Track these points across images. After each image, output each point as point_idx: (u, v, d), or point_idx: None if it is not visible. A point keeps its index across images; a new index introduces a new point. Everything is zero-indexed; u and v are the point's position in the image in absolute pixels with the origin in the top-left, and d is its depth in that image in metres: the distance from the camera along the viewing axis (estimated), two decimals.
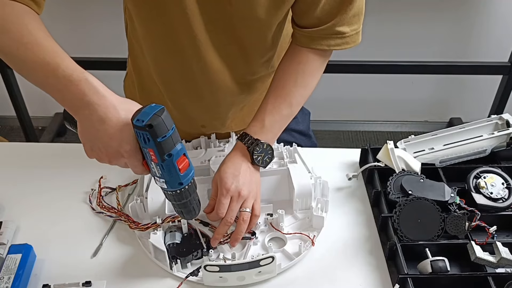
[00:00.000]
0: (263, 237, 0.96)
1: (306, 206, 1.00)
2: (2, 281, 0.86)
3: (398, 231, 0.92)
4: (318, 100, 1.94)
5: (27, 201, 1.07)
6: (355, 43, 0.97)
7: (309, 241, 0.95)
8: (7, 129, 2.73)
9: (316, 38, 0.96)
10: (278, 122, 1.00)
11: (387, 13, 2.29)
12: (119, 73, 1.81)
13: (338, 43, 0.96)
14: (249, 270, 0.86)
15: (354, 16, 0.93)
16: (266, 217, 0.98)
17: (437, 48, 2.38)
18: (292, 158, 1.08)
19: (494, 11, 2.29)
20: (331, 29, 0.94)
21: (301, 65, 0.99)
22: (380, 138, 2.66)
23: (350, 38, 0.96)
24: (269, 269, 0.88)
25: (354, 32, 0.96)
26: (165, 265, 0.91)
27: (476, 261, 0.88)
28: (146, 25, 0.95)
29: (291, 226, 0.98)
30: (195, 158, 1.07)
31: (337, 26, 0.93)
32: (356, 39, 0.97)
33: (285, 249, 0.94)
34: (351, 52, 1.62)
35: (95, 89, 0.73)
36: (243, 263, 0.86)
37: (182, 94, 1.06)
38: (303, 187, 0.99)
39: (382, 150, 1.06)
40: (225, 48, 0.97)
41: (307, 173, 1.03)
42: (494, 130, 1.10)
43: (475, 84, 2.50)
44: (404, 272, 0.86)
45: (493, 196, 0.98)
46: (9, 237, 0.96)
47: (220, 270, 0.86)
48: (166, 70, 1.02)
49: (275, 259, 0.87)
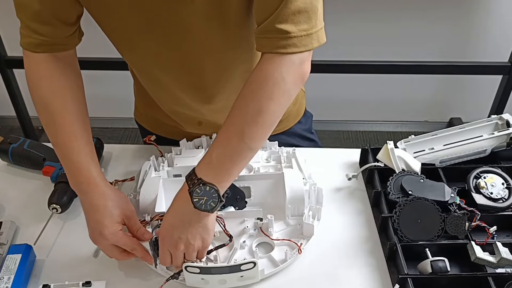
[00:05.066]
0: (251, 242, 0.94)
1: (298, 213, 0.98)
2: (2, 281, 0.86)
3: (398, 231, 0.92)
4: (318, 100, 1.94)
5: (27, 201, 1.07)
6: (306, 47, 0.81)
7: (296, 249, 0.92)
8: (7, 129, 2.73)
9: (261, 38, 0.83)
10: (229, 158, 0.82)
11: (387, 13, 2.28)
12: (119, 73, 1.82)
13: (283, 44, 0.80)
14: (230, 274, 0.85)
15: (299, 13, 0.79)
16: (256, 221, 0.96)
17: (437, 48, 2.38)
18: (289, 163, 1.04)
19: (494, 11, 2.29)
20: (271, 26, 0.80)
21: (253, 85, 0.82)
22: (380, 138, 2.66)
23: (298, 40, 0.80)
24: (251, 275, 0.86)
25: (304, 33, 0.80)
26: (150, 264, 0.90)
27: (476, 261, 0.88)
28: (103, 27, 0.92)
29: (281, 232, 0.96)
30: (195, 157, 1.06)
31: (277, 23, 0.79)
32: (307, 43, 0.81)
33: (272, 255, 0.92)
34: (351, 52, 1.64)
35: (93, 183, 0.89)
36: (224, 266, 0.85)
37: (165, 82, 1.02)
38: (295, 192, 0.96)
39: (382, 150, 1.06)
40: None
41: (301, 179, 0.99)
42: (494, 130, 1.10)
43: (475, 84, 2.50)
44: (404, 272, 0.86)
45: (493, 196, 0.98)
46: (9, 237, 0.96)
47: (200, 272, 0.85)
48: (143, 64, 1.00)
49: (257, 265, 0.85)
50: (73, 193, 1.03)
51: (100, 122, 2.67)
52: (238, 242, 0.94)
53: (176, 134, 1.16)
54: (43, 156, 1.11)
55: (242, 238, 0.95)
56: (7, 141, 1.14)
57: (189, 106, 1.06)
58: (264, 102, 0.81)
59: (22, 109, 2.43)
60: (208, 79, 0.99)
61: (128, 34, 0.91)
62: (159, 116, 1.16)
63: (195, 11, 0.85)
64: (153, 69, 0.98)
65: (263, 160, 1.07)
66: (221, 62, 0.96)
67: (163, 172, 1.03)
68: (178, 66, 0.95)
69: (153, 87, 1.06)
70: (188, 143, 1.12)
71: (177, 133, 1.16)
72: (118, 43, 0.95)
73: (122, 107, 1.77)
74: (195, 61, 0.95)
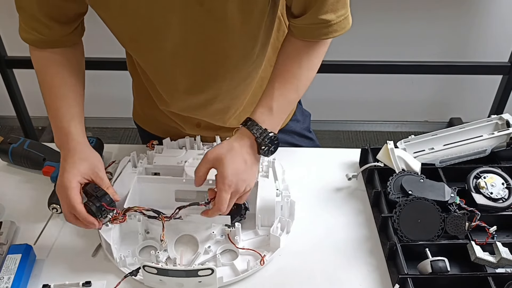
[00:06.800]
0: (217, 248, 0.93)
1: (268, 223, 0.96)
2: (2, 281, 0.86)
3: (398, 231, 0.92)
4: (318, 100, 1.94)
5: (27, 201, 1.07)
6: (344, 30, 0.92)
7: (259, 259, 0.91)
8: (7, 129, 2.73)
9: (304, 29, 0.91)
10: (285, 108, 0.95)
11: (387, 13, 2.29)
12: (119, 73, 1.82)
13: (325, 32, 0.90)
14: (187, 278, 0.84)
15: (337, 2, 0.88)
16: (223, 227, 0.95)
17: (437, 48, 2.38)
18: (266, 172, 1.02)
19: (494, 11, 2.29)
20: (314, 18, 0.88)
21: (304, 49, 0.94)
22: (380, 138, 2.66)
23: (338, 25, 0.90)
24: (209, 281, 0.85)
25: (342, 18, 0.90)
26: (114, 259, 0.91)
27: (476, 261, 0.88)
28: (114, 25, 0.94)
29: (249, 241, 0.95)
30: (174, 157, 1.05)
31: (320, 14, 0.87)
32: (345, 25, 0.91)
33: (234, 263, 0.91)
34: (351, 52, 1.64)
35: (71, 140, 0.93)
36: (181, 270, 0.85)
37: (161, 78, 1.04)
38: (266, 202, 0.95)
39: (382, 150, 1.06)
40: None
41: (274, 190, 0.97)
42: (494, 130, 1.10)
43: (475, 84, 2.50)
44: (404, 272, 0.86)
45: (493, 196, 0.98)
46: (9, 237, 0.96)
47: (157, 273, 0.84)
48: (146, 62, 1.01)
49: (215, 272, 0.84)
50: None
51: (100, 122, 2.67)
52: (203, 247, 0.93)
53: (175, 135, 1.15)
54: (43, 156, 1.11)
55: (207, 243, 0.94)
56: (7, 141, 1.14)
57: (188, 105, 1.06)
58: (315, 62, 0.96)
59: (22, 109, 2.43)
60: (210, 75, 1.00)
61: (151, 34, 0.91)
62: (158, 117, 1.16)
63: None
64: (164, 64, 0.98)
65: None
66: (219, 55, 0.97)
67: (141, 168, 1.03)
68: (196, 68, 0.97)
69: (157, 81, 1.05)
70: (172, 143, 1.11)
71: (176, 135, 1.16)
72: (139, 43, 0.95)
73: (122, 107, 1.77)
74: (216, 63, 0.96)
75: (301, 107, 1.29)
